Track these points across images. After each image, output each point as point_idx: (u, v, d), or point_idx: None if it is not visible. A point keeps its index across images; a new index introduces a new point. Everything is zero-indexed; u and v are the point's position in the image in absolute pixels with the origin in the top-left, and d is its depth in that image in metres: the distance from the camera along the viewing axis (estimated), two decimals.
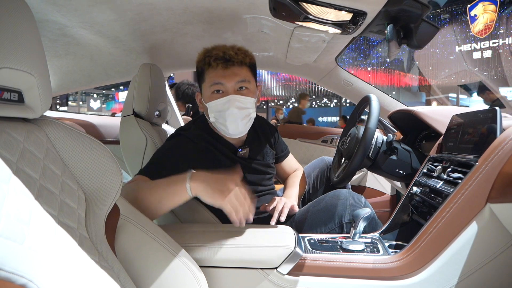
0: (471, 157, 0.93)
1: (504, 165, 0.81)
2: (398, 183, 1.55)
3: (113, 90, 15.29)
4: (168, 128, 1.90)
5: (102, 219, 0.62)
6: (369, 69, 11.33)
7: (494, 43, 8.19)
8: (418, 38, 1.07)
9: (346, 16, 1.04)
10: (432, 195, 1.01)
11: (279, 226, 1.01)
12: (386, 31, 1.06)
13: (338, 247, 0.97)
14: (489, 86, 8.24)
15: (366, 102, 1.31)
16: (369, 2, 0.96)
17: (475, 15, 7.80)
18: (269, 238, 0.92)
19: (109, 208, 0.63)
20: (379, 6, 0.98)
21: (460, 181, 0.89)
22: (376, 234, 1.09)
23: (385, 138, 1.28)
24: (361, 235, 1.00)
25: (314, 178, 1.48)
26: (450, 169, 0.99)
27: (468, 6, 7.84)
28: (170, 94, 2.24)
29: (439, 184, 0.99)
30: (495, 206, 0.81)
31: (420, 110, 1.28)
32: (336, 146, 2.26)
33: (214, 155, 1.12)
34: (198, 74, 1.17)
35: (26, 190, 0.47)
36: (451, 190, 0.90)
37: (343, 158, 1.37)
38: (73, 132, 0.61)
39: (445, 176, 0.99)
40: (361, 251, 0.94)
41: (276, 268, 0.87)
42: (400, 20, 1.06)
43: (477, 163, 0.86)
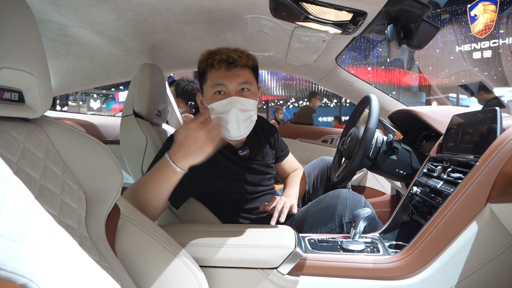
0: (471, 157, 0.93)
1: (504, 165, 0.81)
2: (398, 183, 1.55)
3: (113, 90, 15.26)
4: (168, 128, 1.90)
5: (102, 219, 0.62)
6: (369, 69, 11.33)
7: (494, 43, 8.19)
8: (418, 38, 1.07)
9: (346, 16, 1.04)
10: (432, 195, 1.01)
11: (279, 226, 1.01)
12: (386, 31, 1.06)
13: (338, 247, 0.97)
14: (488, 86, 8.25)
15: (366, 102, 1.31)
16: (369, 2, 0.96)
17: (475, 15, 7.80)
18: (269, 238, 0.92)
19: (109, 208, 0.63)
20: (379, 6, 0.98)
21: (460, 181, 0.89)
22: (376, 234, 1.09)
23: (385, 138, 1.28)
24: (361, 235, 1.00)
25: (314, 178, 1.48)
26: (450, 169, 0.99)
27: (468, 6, 7.84)
28: (170, 94, 2.24)
29: (439, 184, 0.99)
30: (495, 206, 0.81)
31: (420, 110, 1.28)
32: (336, 146, 2.26)
33: (213, 156, 1.12)
34: (200, 75, 1.16)
35: (26, 190, 0.47)
36: (451, 190, 0.90)
37: (343, 158, 1.37)
38: (73, 132, 0.61)
39: (445, 176, 0.99)
40: (361, 251, 0.94)
41: (276, 268, 0.87)
42: (400, 20, 1.06)
43: (477, 163, 0.86)
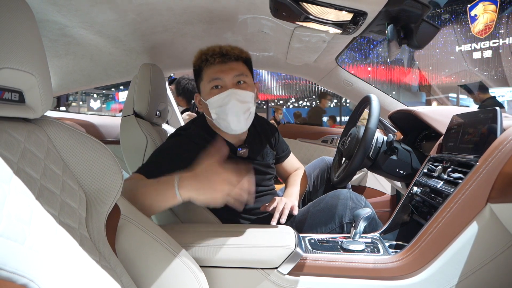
0: (472, 157, 0.93)
1: (504, 165, 0.81)
2: (398, 183, 1.55)
3: (113, 90, 15.26)
4: (168, 128, 1.90)
5: (102, 219, 0.62)
6: (369, 69, 11.32)
7: (494, 43, 8.19)
8: (418, 38, 1.07)
9: (346, 16, 1.04)
10: (432, 195, 1.01)
11: (280, 226, 1.01)
12: (386, 31, 1.06)
13: (339, 247, 0.97)
14: (488, 86, 8.25)
15: (366, 102, 1.31)
16: (369, 2, 0.96)
17: (475, 15, 7.80)
18: (269, 238, 0.92)
19: (109, 208, 0.63)
20: (380, 6, 0.98)
21: (460, 181, 0.89)
22: (376, 234, 1.09)
23: (385, 138, 1.28)
24: (361, 235, 1.00)
25: (314, 178, 1.48)
26: (450, 169, 0.99)
27: (468, 6, 7.85)
28: (170, 94, 2.24)
29: (440, 184, 0.99)
30: (496, 206, 0.81)
31: (420, 110, 1.28)
32: (336, 146, 2.26)
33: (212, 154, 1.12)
34: (196, 74, 1.18)
35: (27, 190, 0.47)
36: (452, 190, 0.90)
37: (343, 158, 1.37)
38: (73, 132, 0.61)
39: (445, 176, 0.99)
40: (361, 251, 0.94)
41: (276, 268, 0.87)
42: (400, 20, 1.06)
43: (477, 163, 0.86)
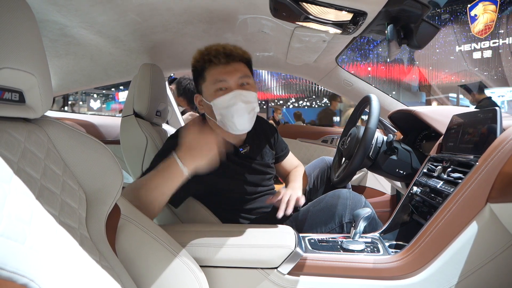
0: (471, 157, 0.93)
1: (504, 165, 0.81)
2: (398, 183, 1.55)
3: (113, 90, 15.26)
4: (168, 128, 1.90)
5: (103, 219, 0.62)
6: (369, 69, 11.32)
7: (494, 43, 8.19)
8: (418, 38, 1.07)
9: (346, 16, 1.04)
10: (432, 195, 1.01)
11: (280, 226, 1.01)
12: (386, 31, 1.06)
13: (339, 247, 0.97)
14: (488, 86, 8.25)
15: (366, 102, 1.31)
16: (369, 2, 0.96)
17: (475, 15, 7.80)
18: (269, 238, 0.92)
19: (109, 208, 0.63)
20: (379, 6, 0.98)
21: (460, 181, 0.89)
22: (376, 234, 1.09)
23: (385, 138, 1.28)
24: (361, 235, 1.00)
25: (314, 178, 1.48)
26: (450, 169, 0.99)
27: (468, 6, 7.84)
28: (170, 94, 2.23)
29: (439, 184, 0.99)
30: (495, 206, 0.81)
31: (420, 110, 1.28)
32: (336, 146, 2.26)
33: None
34: (196, 74, 1.15)
35: (27, 190, 0.47)
36: (451, 190, 0.90)
37: (343, 158, 1.37)
38: (73, 132, 0.61)
39: (445, 176, 0.99)
40: (361, 251, 0.94)
41: (276, 268, 0.87)
42: (400, 20, 1.06)
43: (477, 163, 0.86)
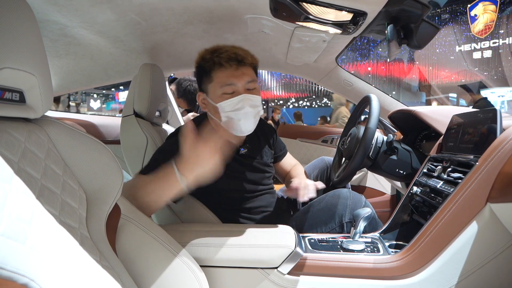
0: (471, 157, 0.93)
1: (504, 165, 0.81)
2: (398, 183, 1.55)
3: (113, 90, 15.27)
4: (168, 128, 1.90)
5: (103, 219, 0.62)
6: (369, 69, 11.33)
7: (494, 43, 8.19)
8: (418, 38, 1.07)
9: (346, 16, 1.04)
10: (432, 195, 1.01)
11: (280, 226, 1.01)
12: (386, 31, 1.06)
13: (339, 247, 0.97)
14: (488, 86, 8.25)
15: (366, 102, 1.31)
16: (369, 2, 0.96)
17: (475, 15, 7.80)
18: (269, 238, 0.92)
19: (110, 207, 0.64)
20: (380, 6, 0.98)
21: (460, 181, 0.89)
22: (376, 234, 1.09)
23: (385, 138, 1.28)
24: (361, 235, 1.00)
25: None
26: (450, 169, 0.99)
27: (468, 6, 7.85)
28: (170, 94, 2.23)
29: (439, 184, 0.99)
30: (495, 206, 0.81)
31: (420, 110, 1.28)
32: (336, 146, 2.26)
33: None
34: (201, 73, 1.13)
35: (27, 189, 0.47)
36: (451, 190, 0.90)
37: (343, 158, 1.37)
38: (74, 132, 0.61)
39: (445, 176, 0.99)
40: (361, 251, 0.95)
41: (276, 267, 0.87)
42: (400, 20, 1.06)
43: (477, 163, 0.86)
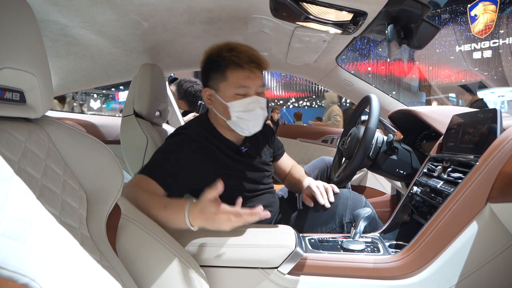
0: (472, 157, 0.93)
1: (504, 165, 0.81)
2: (398, 183, 1.55)
3: (113, 90, 15.27)
4: (168, 128, 1.90)
5: (103, 219, 0.62)
6: (369, 69, 11.32)
7: (494, 43, 8.19)
8: (418, 38, 1.07)
9: (346, 16, 1.04)
10: (432, 195, 1.01)
11: (280, 226, 1.01)
12: (386, 31, 1.06)
13: (339, 247, 0.97)
14: (488, 86, 8.26)
15: (366, 102, 1.32)
16: (369, 2, 0.96)
17: (475, 15, 7.81)
18: (269, 238, 0.92)
19: (110, 207, 0.64)
20: (380, 6, 0.98)
21: (460, 181, 0.89)
22: (376, 234, 1.09)
23: (385, 138, 1.28)
24: (361, 235, 1.00)
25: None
26: (450, 169, 0.99)
27: (468, 6, 7.85)
28: (170, 94, 2.23)
29: (440, 184, 0.99)
30: (496, 206, 0.81)
31: (420, 110, 1.28)
32: (336, 146, 2.26)
33: (214, 153, 1.12)
34: (213, 69, 1.10)
35: (28, 189, 0.47)
36: (452, 190, 0.90)
37: (344, 158, 1.37)
38: (74, 132, 0.61)
39: (445, 176, 0.99)
40: (361, 251, 0.95)
41: (276, 267, 0.87)
42: (400, 20, 1.06)
43: (477, 163, 0.86)
